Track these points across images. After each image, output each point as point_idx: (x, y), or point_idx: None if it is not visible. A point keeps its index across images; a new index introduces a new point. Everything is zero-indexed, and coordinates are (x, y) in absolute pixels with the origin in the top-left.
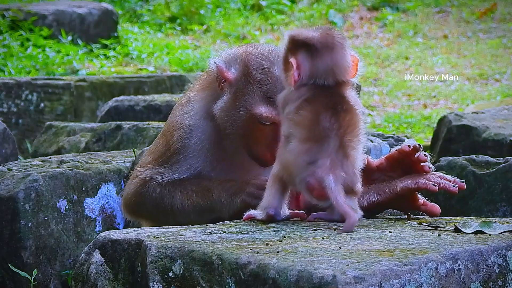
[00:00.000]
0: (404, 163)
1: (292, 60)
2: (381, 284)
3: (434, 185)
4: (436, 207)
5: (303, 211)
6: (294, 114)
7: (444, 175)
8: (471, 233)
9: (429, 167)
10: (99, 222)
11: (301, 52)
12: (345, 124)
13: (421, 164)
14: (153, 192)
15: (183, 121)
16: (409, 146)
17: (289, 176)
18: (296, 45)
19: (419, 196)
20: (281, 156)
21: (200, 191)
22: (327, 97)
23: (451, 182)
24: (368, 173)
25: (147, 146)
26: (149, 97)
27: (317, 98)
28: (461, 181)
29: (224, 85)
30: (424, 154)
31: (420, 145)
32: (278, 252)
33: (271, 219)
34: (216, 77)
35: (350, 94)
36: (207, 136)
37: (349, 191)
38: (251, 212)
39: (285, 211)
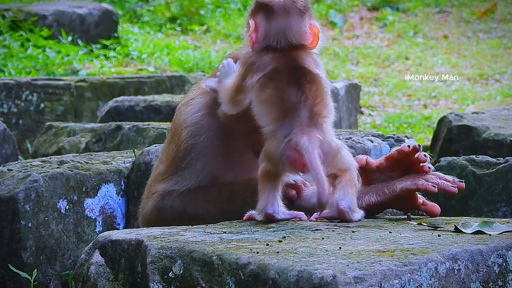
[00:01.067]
0: (403, 163)
1: (251, 21)
2: (381, 284)
3: (433, 186)
4: (436, 207)
5: (302, 213)
6: (259, 92)
7: (443, 175)
8: (471, 233)
9: (429, 167)
10: (99, 223)
11: (260, 14)
12: (312, 95)
13: (421, 164)
14: (174, 205)
15: (188, 119)
16: (408, 146)
17: (273, 164)
18: (257, 8)
19: (418, 196)
20: (262, 150)
21: (224, 195)
22: (289, 70)
23: (450, 182)
24: (368, 173)
25: (147, 146)
26: (149, 98)
27: (279, 73)
28: (460, 181)
29: None
30: (424, 155)
31: (419, 145)
32: (278, 252)
33: (270, 218)
34: None
35: (311, 61)
36: (215, 133)
37: (333, 155)
38: (251, 212)
39: (285, 211)
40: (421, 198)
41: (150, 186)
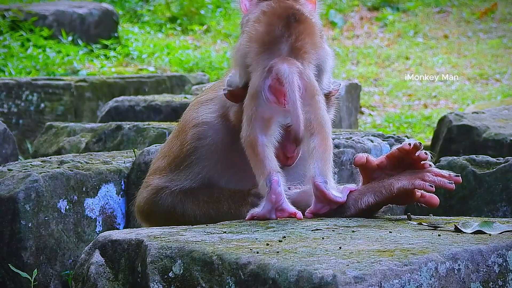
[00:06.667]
0: (404, 162)
1: None
2: (381, 284)
3: (430, 185)
4: (434, 198)
5: (300, 211)
6: (251, 27)
7: (439, 171)
8: (471, 233)
9: (430, 165)
10: (99, 223)
11: None
12: (296, 32)
13: (422, 162)
14: (165, 201)
15: (199, 118)
16: (409, 144)
17: (256, 99)
18: None
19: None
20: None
21: (211, 202)
22: (282, 9)
23: (446, 178)
24: (369, 171)
25: (148, 146)
26: (149, 97)
27: (273, 10)
28: (456, 175)
29: None
30: (425, 152)
31: (420, 143)
32: (278, 252)
33: (276, 187)
34: None
35: (306, 7)
36: (222, 136)
37: (311, 92)
38: (253, 211)
39: (289, 205)
40: (418, 191)
41: (148, 177)
